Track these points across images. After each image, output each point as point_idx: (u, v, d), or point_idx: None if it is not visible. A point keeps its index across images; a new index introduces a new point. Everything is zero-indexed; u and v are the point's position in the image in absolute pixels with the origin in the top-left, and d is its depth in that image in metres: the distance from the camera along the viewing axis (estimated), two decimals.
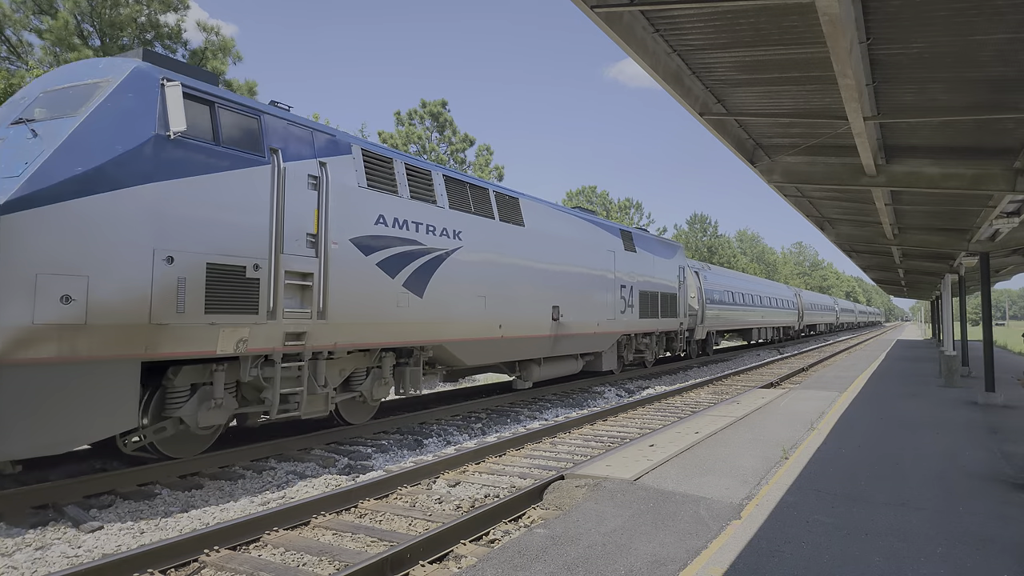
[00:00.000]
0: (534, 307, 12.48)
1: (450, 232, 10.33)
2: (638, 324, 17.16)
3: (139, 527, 5.89)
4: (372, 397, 9.55)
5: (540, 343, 12.78)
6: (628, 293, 16.53)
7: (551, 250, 13.27)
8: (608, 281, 15.54)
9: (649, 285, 17.92)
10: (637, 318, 17.03)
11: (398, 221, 9.31)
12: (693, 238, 60.84)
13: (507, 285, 11.68)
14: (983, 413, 10.65)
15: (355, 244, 8.58)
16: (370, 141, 9.64)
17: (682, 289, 20.60)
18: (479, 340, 11.02)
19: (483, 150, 36.84)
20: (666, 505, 5.47)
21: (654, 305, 18.19)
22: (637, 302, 17.09)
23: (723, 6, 5.25)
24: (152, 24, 17.48)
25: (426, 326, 9.78)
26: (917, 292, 39.22)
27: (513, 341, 11.89)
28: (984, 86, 6.21)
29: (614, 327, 15.81)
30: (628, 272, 16.64)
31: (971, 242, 12.79)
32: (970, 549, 4.55)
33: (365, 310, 8.71)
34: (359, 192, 8.72)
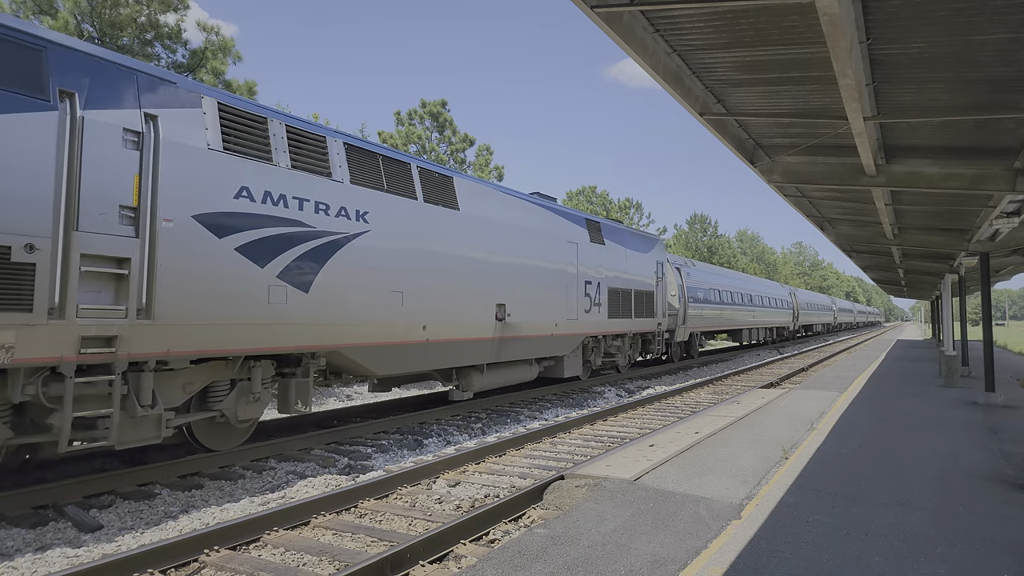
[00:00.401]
0: (472, 305, 10.76)
1: (351, 213, 8.51)
2: (607, 325, 15.45)
3: (139, 527, 5.89)
4: (239, 417, 7.69)
5: (481, 347, 11.05)
6: (595, 290, 14.86)
7: (495, 239, 11.45)
8: (569, 276, 13.81)
9: (620, 281, 16.22)
10: (606, 318, 15.34)
11: (272, 196, 7.50)
12: (693, 238, 60.82)
13: (434, 279, 9.93)
14: (983, 413, 10.65)
15: (202, 223, 6.73)
16: (239, 96, 7.70)
17: (660, 286, 19.05)
18: (394, 345, 9.20)
19: (483, 150, 36.82)
20: (666, 505, 5.47)
21: (626, 304, 16.49)
22: (606, 300, 15.36)
23: (723, 6, 5.25)
24: (152, 24, 17.47)
25: (314, 328, 7.97)
26: (917, 292, 39.21)
27: (442, 345, 10.15)
28: (984, 86, 6.21)
29: (577, 328, 14.08)
30: (595, 266, 14.94)
31: (971, 242, 12.79)
32: (970, 549, 4.55)
33: (216, 307, 6.86)
34: (211, 156, 6.90)
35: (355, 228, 8.62)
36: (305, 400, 8.32)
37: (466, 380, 11.41)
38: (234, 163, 7.17)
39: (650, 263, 18.41)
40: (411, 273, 9.51)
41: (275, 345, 7.61)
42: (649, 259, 18.39)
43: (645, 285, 17.80)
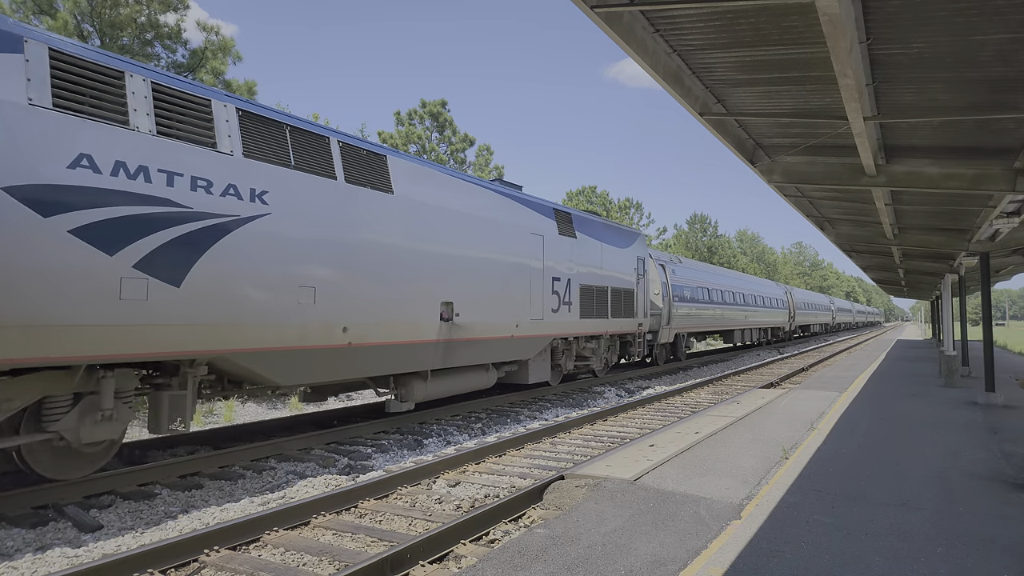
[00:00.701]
0: (410, 304, 9.45)
1: (244, 192, 7.15)
2: (578, 325, 14.18)
3: (139, 527, 5.89)
4: (83, 440, 6.35)
5: (422, 351, 9.77)
6: (564, 288, 13.58)
7: (441, 228, 10.16)
8: (533, 272, 12.48)
9: (595, 278, 14.94)
10: (577, 318, 14.08)
11: (127, 167, 6.17)
12: (693, 238, 60.82)
13: (359, 273, 8.65)
14: (983, 413, 10.65)
15: (18, 197, 5.45)
16: (86, 46, 6.44)
17: (642, 284, 17.77)
18: (303, 350, 7.87)
19: (483, 150, 36.83)
20: (666, 505, 5.47)
21: (602, 303, 15.22)
22: (577, 299, 14.08)
23: (723, 6, 5.25)
24: (152, 24, 17.47)
25: (190, 330, 6.66)
26: (917, 292, 39.20)
27: (370, 350, 8.85)
28: (984, 86, 6.21)
29: (543, 329, 12.79)
30: (564, 262, 13.69)
31: (971, 242, 12.79)
32: (970, 549, 4.55)
33: (39, 303, 5.58)
34: (33, 115, 5.63)
35: (248, 210, 7.20)
36: (184, 417, 6.99)
37: (406, 389, 9.98)
38: (69, 124, 5.85)
39: (629, 259, 17.10)
40: (327, 266, 8.20)
41: (130, 351, 6.21)
42: (628, 255, 17.10)
43: (624, 283, 16.54)
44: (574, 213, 14.86)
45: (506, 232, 11.89)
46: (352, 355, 8.62)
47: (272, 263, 7.52)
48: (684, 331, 22.34)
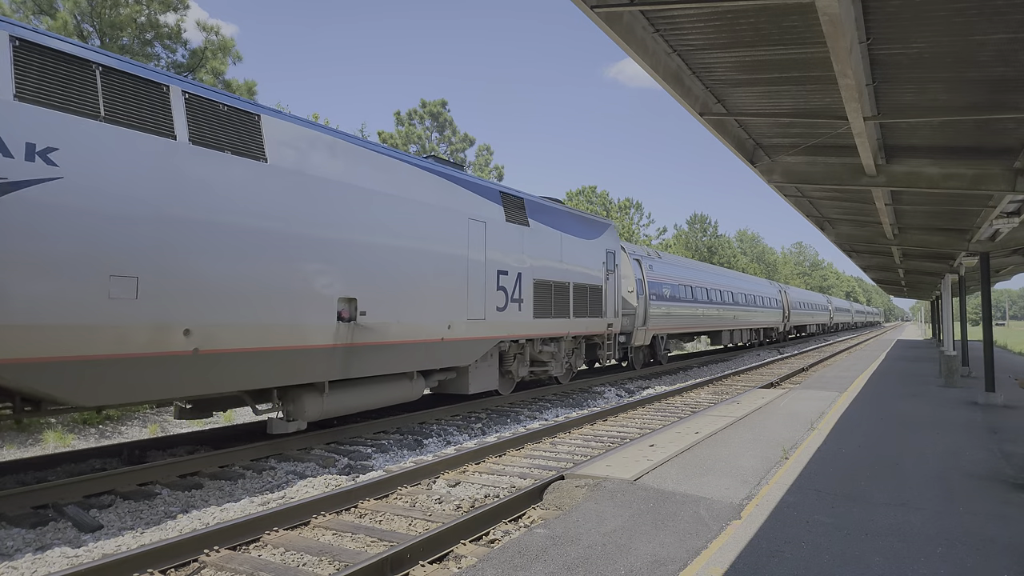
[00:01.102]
0: (291, 301, 7.72)
1: (14, 147, 5.49)
2: (532, 326, 12.55)
3: (139, 527, 5.90)
4: None
5: (311, 359, 8.03)
6: (513, 283, 12.03)
7: (340, 209, 8.46)
8: (472, 265, 10.96)
9: (553, 273, 13.32)
10: (530, 318, 12.46)
11: None
12: (693, 238, 60.82)
13: (211, 261, 6.93)
14: (983, 413, 10.65)
15: None
16: None
17: (612, 280, 16.09)
18: (117, 359, 6.16)
19: (483, 150, 36.84)
20: (666, 505, 5.47)
21: (562, 300, 13.58)
22: (531, 296, 12.48)
23: (723, 6, 5.25)
24: (152, 24, 17.47)
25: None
26: (917, 292, 39.21)
27: (229, 359, 7.13)
28: (984, 86, 6.21)
29: (485, 331, 11.23)
30: (514, 253, 12.10)
31: (971, 242, 12.79)
32: (970, 549, 4.55)
33: None
34: None
35: (19, 172, 5.50)
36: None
37: (295, 405, 8.28)
38: None
39: (597, 252, 15.40)
40: (158, 251, 6.47)
41: None
42: (595, 247, 15.34)
43: (590, 278, 14.89)
44: (527, 198, 13.10)
45: (435, 217, 10.14)
46: (201, 365, 6.85)
47: (62, 244, 5.75)
48: (663, 332, 20.50)
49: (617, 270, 16.54)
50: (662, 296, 20.17)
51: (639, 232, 47.89)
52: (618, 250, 16.86)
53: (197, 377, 6.89)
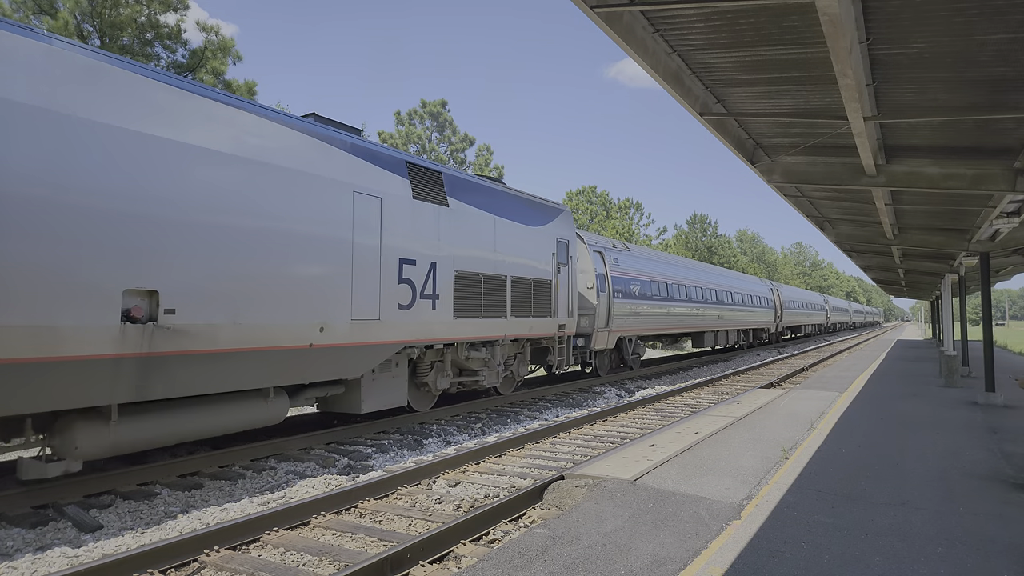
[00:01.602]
0: (26, 288, 5.55)
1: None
2: (453, 327, 10.55)
3: (139, 527, 5.90)
4: None
5: (74, 375, 5.89)
6: (425, 275, 9.88)
7: (129, 169, 6.30)
8: (359, 251, 8.71)
9: (482, 264, 11.28)
10: (450, 317, 10.44)
11: None
12: (693, 238, 60.85)
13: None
14: (983, 413, 10.65)
15: None
16: None
17: (566, 275, 14.04)
18: None
19: (483, 150, 36.82)
20: (666, 505, 5.47)
21: (496, 297, 11.59)
22: (450, 291, 10.43)
23: (723, 6, 5.25)
24: (152, 24, 17.48)
25: None
26: (917, 292, 39.21)
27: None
28: (984, 86, 6.21)
29: (380, 334, 9.06)
30: (425, 238, 9.93)
31: (971, 242, 12.79)
32: (970, 549, 4.55)
33: None
34: None
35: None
36: None
37: (63, 439, 6.27)
38: None
39: (545, 241, 13.29)
40: None
41: None
42: (543, 236, 13.24)
43: (535, 271, 12.84)
44: (447, 172, 10.93)
45: (296, 186, 7.96)
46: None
47: None
48: (631, 334, 18.32)
49: (572, 263, 14.45)
50: (629, 294, 17.99)
51: (639, 232, 47.88)
52: (573, 240, 14.59)
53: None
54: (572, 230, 14.58)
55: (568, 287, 14.23)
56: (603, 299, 16.50)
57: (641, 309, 18.64)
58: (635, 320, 18.21)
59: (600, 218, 46.11)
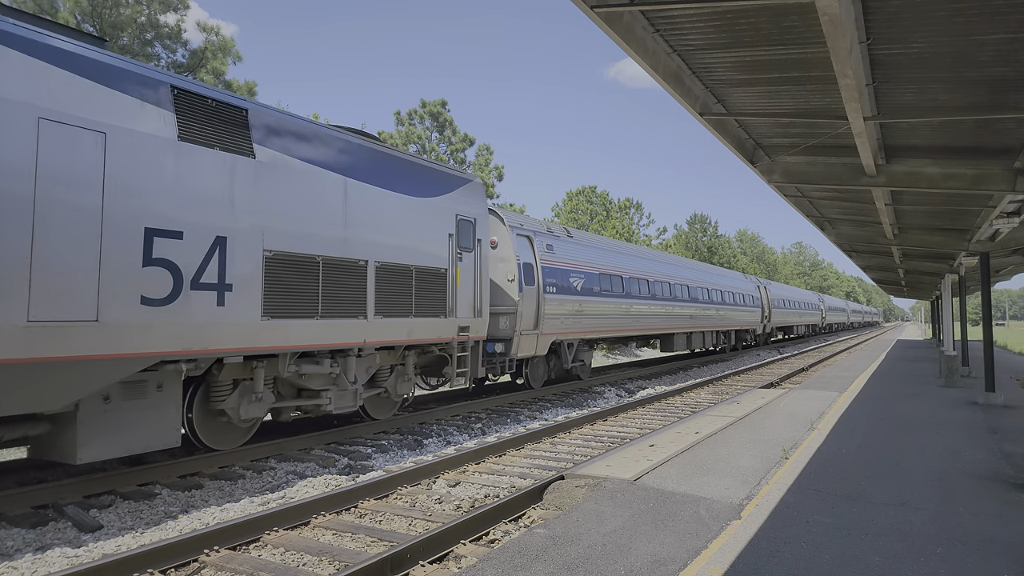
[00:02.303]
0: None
1: None
2: (260, 332, 7.56)
3: (139, 527, 5.90)
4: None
5: None
6: (200, 255, 7.01)
7: None
8: (48, 214, 5.82)
9: (321, 243, 8.30)
10: (255, 317, 7.50)
11: None
12: (693, 238, 60.84)
13: None
14: (983, 413, 10.65)
15: None
16: None
17: (470, 263, 11.10)
18: None
19: (483, 150, 36.84)
20: (666, 505, 5.47)
21: (350, 290, 8.67)
22: (257, 280, 7.53)
23: (723, 6, 5.25)
24: (152, 24, 17.49)
25: None
26: (917, 292, 39.21)
27: None
28: (984, 86, 6.21)
29: (105, 342, 6.20)
30: (203, 202, 7.07)
31: (971, 242, 12.79)
32: (970, 549, 4.55)
33: None
34: None
35: None
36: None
37: None
38: None
39: (439, 218, 10.41)
40: None
41: None
42: (435, 211, 10.34)
43: (420, 257, 9.95)
44: (257, 109, 7.88)
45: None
46: None
47: None
48: (572, 337, 15.14)
49: (482, 249, 11.45)
50: (568, 288, 14.88)
51: (639, 232, 47.86)
52: (484, 218, 11.57)
53: None
54: (483, 206, 11.59)
55: (475, 279, 11.26)
56: (530, 295, 13.43)
57: (586, 307, 15.59)
58: (577, 320, 15.21)
59: (600, 218, 46.11)
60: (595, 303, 16.02)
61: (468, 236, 11.15)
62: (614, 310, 17.03)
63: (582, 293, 15.48)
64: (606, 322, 16.64)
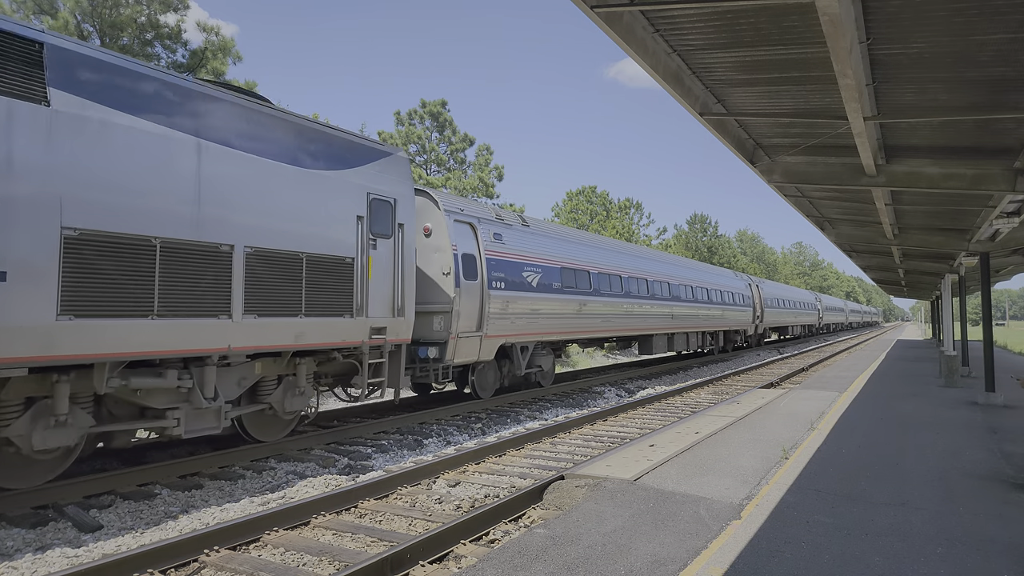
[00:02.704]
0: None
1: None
2: (53, 337, 5.77)
3: (139, 527, 5.90)
4: None
5: None
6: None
7: None
8: None
9: (157, 220, 6.64)
10: (48, 316, 5.73)
11: None
12: (693, 238, 60.82)
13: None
14: (983, 413, 10.65)
15: None
16: None
17: (388, 251, 9.40)
18: None
19: (483, 149, 36.83)
20: (666, 505, 5.47)
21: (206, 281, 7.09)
22: (53, 267, 5.80)
23: (723, 6, 5.25)
24: (152, 24, 17.49)
25: None
26: (917, 292, 39.20)
27: None
28: (984, 86, 6.22)
29: None
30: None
31: (971, 242, 12.79)
32: (970, 549, 4.55)
33: None
34: None
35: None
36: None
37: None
38: None
39: (343, 196, 8.75)
40: None
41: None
42: (339, 187, 8.69)
43: (316, 242, 8.31)
44: (54, 41, 6.13)
45: None
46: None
47: None
48: (526, 339, 13.20)
49: (405, 235, 9.59)
50: (522, 284, 12.96)
51: (639, 232, 47.85)
52: (407, 200, 9.71)
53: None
54: (406, 184, 9.72)
55: (396, 271, 9.46)
56: (471, 291, 11.54)
57: (544, 305, 13.60)
58: (532, 321, 13.23)
59: (600, 218, 46.09)
60: (555, 301, 14.08)
61: (385, 219, 9.31)
62: (580, 309, 15.08)
63: (539, 289, 13.53)
64: (570, 323, 14.76)
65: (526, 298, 13.08)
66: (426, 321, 11.17)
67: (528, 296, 13.17)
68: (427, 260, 11.32)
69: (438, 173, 35.72)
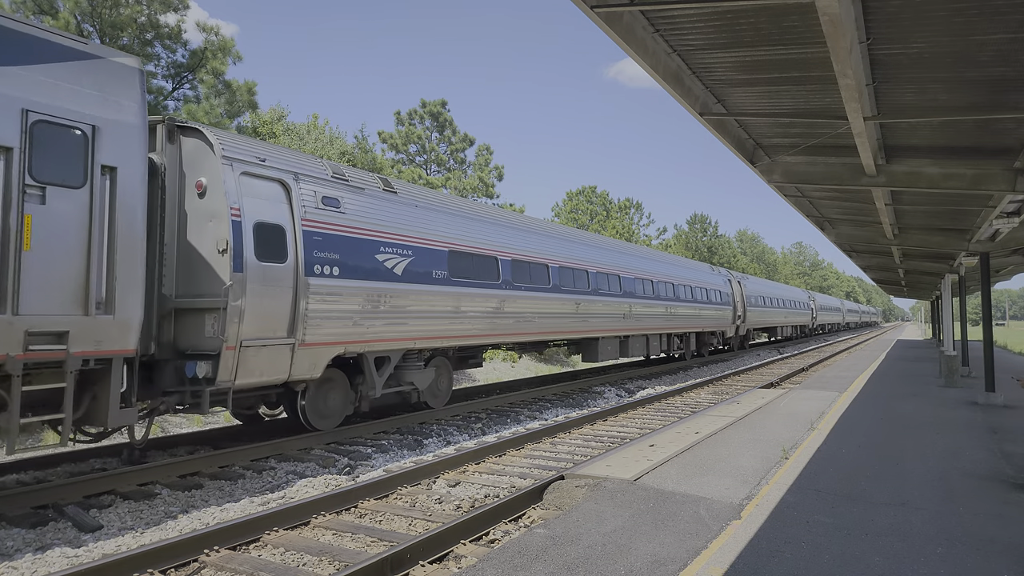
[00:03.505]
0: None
1: None
2: None
3: (139, 527, 5.90)
4: None
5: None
6: None
7: None
8: None
9: None
10: None
11: None
12: (693, 238, 60.82)
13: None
14: (983, 413, 10.65)
15: None
16: None
17: (81, 210, 6.09)
18: None
19: (483, 150, 36.83)
20: (666, 505, 5.47)
21: None
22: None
23: (723, 6, 5.25)
24: (152, 24, 17.49)
25: None
26: (917, 292, 39.20)
27: None
28: (984, 86, 6.22)
29: None
30: None
31: (971, 242, 12.79)
32: (970, 549, 4.55)
33: None
34: None
35: None
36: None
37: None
38: None
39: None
40: None
41: None
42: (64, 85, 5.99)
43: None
44: None
45: None
46: None
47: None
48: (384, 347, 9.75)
49: (115, 185, 6.36)
50: (373, 270, 9.40)
51: (639, 232, 47.85)
52: (125, 129, 6.48)
53: None
54: (129, 106, 6.56)
55: (94, 241, 6.17)
56: (270, 277, 7.96)
57: (412, 300, 10.04)
58: (394, 322, 9.76)
59: (600, 218, 46.10)
60: (436, 295, 10.50)
61: (68, 157, 6.05)
62: (479, 307, 11.54)
63: (405, 279, 9.94)
64: (464, 325, 11.21)
65: (382, 290, 9.49)
66: (195, 322, 7.71)
67: (386, 288, 9.56)
68: (199, 231, 7.76)
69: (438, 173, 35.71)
